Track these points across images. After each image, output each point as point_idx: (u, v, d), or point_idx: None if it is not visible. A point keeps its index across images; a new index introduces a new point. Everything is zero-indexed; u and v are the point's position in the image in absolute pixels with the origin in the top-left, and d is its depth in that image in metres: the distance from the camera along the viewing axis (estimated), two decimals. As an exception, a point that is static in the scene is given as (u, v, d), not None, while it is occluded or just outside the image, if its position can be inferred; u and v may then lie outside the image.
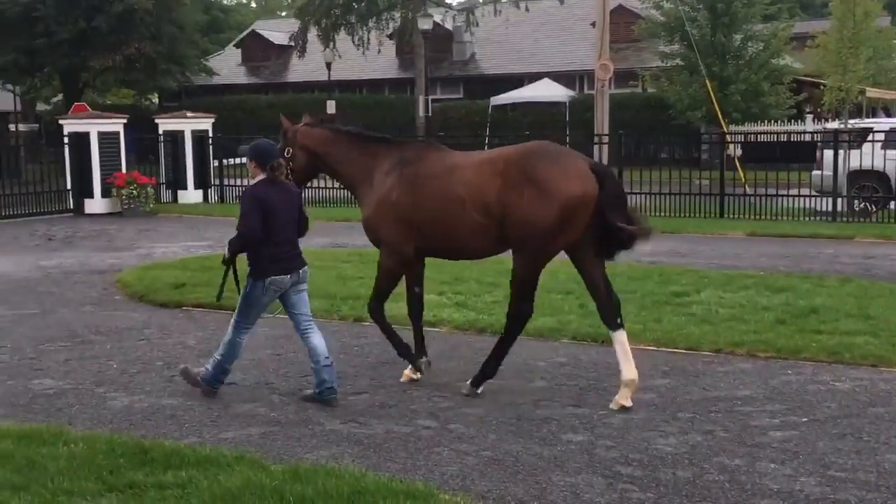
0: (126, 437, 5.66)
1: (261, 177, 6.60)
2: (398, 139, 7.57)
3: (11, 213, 20.84)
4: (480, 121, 38.01)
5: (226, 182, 24.40)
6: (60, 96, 46.90)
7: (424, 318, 7.73)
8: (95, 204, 21.69)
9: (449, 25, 43.21)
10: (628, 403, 6.41)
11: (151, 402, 6.71)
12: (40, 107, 54.51)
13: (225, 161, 24.82)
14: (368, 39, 40.61)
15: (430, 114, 26.73)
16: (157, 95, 48.73)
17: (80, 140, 21.62)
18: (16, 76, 40.53)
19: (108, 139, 21.92)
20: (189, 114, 25.04)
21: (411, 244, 6.94)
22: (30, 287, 11.72)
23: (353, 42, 40.68)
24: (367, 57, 42.05)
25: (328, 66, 40.59)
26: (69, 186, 21.93)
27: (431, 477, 5.17)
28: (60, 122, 23.02)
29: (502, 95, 38.81)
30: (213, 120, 25.10)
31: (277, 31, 50.22)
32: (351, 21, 40.33)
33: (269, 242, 6.46)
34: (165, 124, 24.29)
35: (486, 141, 29.64)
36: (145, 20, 35.49)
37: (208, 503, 4.63)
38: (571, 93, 39.01)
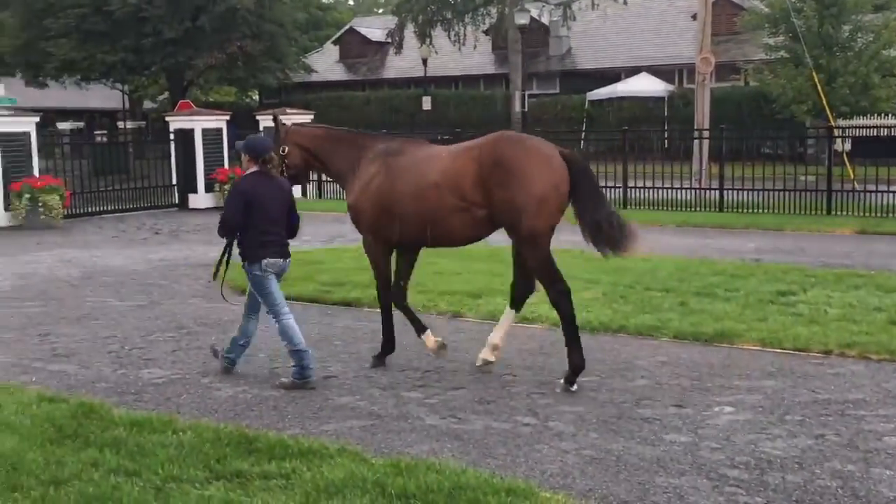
0: (231, 426, 5.79)
1: (253, 169, 7.01)
2: (381, 134, 8.01)
3: (120, 207, 21.57)
4: (576, 116, 37.68)
5: (324, 178, 24.75)
6: (166, 94, 48.37)
7: (524, 314, 8.20)
8: (199, 199, 22.29)
9: (545, 20, 42.92)
10: (491, 358, 7.25)
11: (255, 393, 6.84)
12: (146, 105, 56.38)
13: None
14: (464, 35, 40.68)
15: (525, 109, 26.61)
16: (257, 92, 49.77)
17: (185, 136, 22.25)
18: (124, 75, 41.93)
19: (211, 135, 22.50)
20: (289, 110, 25.50)
21: (393, 231, 7.25)
22: (138, 279, 12.10)
23: (449, 38, 40.81)
24: (463, 52, 42.13)
25: (424, 62, 40.81)
26: (174, 182, 22.58)
27: (532, 474, 5.13)
28: (167, 118, 23.75)
29: (599, 90, 38.37)
30: (311, 116, 25.50)
31: (374, 28, 50.73)
32: (447, 17, 40.47)
33: (256, 230, 6.89)
34: (266, 121, 24.73)
35: (583, 136, 29.39)
36: (247, 19, 36.26)
37: (312, 494, 4.70)
38: (670, 87, 38.33)
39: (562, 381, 6.86)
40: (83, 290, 11.38)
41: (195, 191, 22.32)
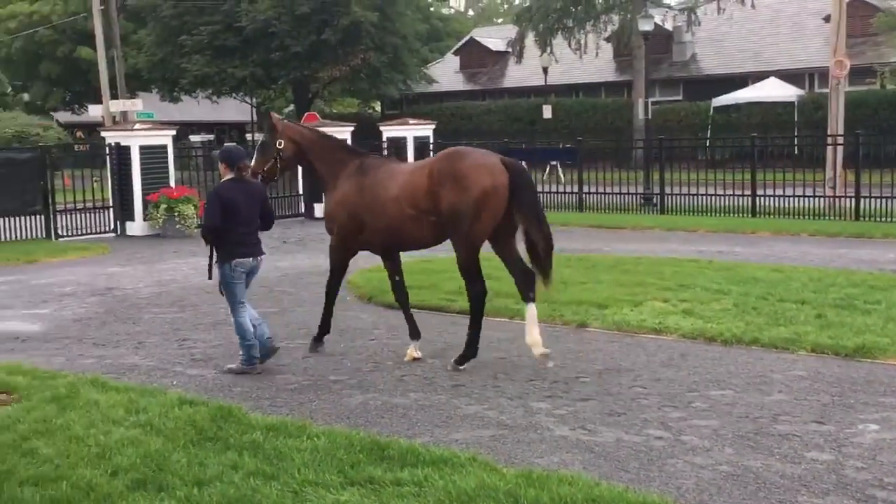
0: (363, 433, 5.88)
1: (229, 176, 7.78)
2: (360, 150, 8.94)
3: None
4: (701, 123, 36.88)
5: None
6: (292, 106, 49.72)
7: (652, 325, 8.57)
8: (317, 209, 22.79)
9: (669, 26, 42.20)
10: (543, 350, 7.70)
11: (384, 400, 6.93)
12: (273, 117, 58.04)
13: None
14: (585, 43, 40.38)
15: (649, 116, 26.16)
16: (379, 103, 50.62)
17: (311, 148, 22.77)
18: (253, 89, 43.37)
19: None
20: (411, 121, 25.84)
21: (357, 241, 8.30)
22: (268, 287, 12.44)
23: (570, 46, 40.58)
24: (584, 60, 41.83)
25: (545, 70, 40.71)
26: (301, 191, 23.14)
27: (666, 489, 5.02)
28: (293, 130, 24.35)
29: (725, 96, 37.44)
30: (433, 126, 25.77)
31: (494, 38, 50.92)
32: (568, 25, 40.26)
33: (231, 231, 7.65)
34: (389, 131, 25.16)
35: (708, 144, 28.71)
36: (370, 32, 36.97)
37: (444, 503, 4.72)
38: (801, 92, 37.07)
39: (452, 360, 7.85)
40: (217, 297, 11.68)
41: (320, 200, 22.79)
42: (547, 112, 39.74)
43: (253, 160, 8.39)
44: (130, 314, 10.71)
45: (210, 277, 7.98)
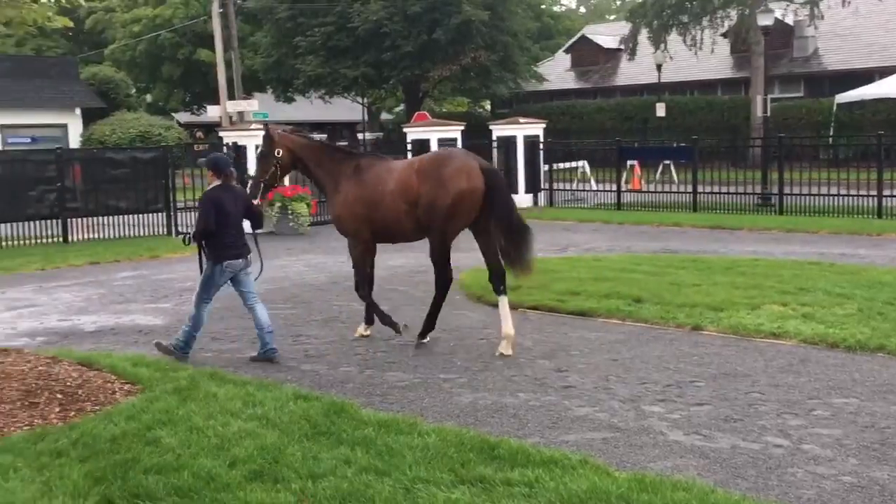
0: (473, 432, 5.91)
1: (216, 182, 8.33)
2: (354, 151, 9.73)
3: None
4: (823, 120, 35.62)
5: (555, 186, 24.84)
6: (402, 106, 50.29)
7: (770, 329, 8.66)
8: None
9: (789, 20, 40.89)
10: (508, 352, 8.32)
11: (494, 399, 6.95)
12: (384, 116, 58.87)
13: (554, 165, 25.29)
14: (701, 39, 39.51)
15: (767, 114, 25.42)
16: (489, 102, 50.70)
17: (422, 147, 22.97)
18: (365, 88, 44.06)
19: (446, 145, 23.08)
20: (522, 120, 25.78)
21: (368, 231, 8.96)
22: (380, 284, 12.54)
23: (685, 42, 39.78)
24: (700, 57, 40.92)
25: (658, 67, 40.02)
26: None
27: (786, 499, 4.89)
28: (404, 129, 24.66)
29: (850, 93, 36.02)
30: (544, 125, 25.66)
31: (606, 35, 50.36)
32: (683, 21, 39.47)
33: (222, 234, 8.20)
34: (499, 130, 25.17)
35: (831, 142, 27.74)
36: (481, 30, 37.05)
37: (555, 504, 4.71)
38: (932, 87, 35.37)
39: (417, 335, 8.83)
40: (329, 294, 12.01)
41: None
42: (660, 110, 39.07)
43: (254, 171, 9.36)
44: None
45: (202, 271, 8.50)
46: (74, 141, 35.38)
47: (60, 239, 18.69)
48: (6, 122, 34.42)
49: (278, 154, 9.10)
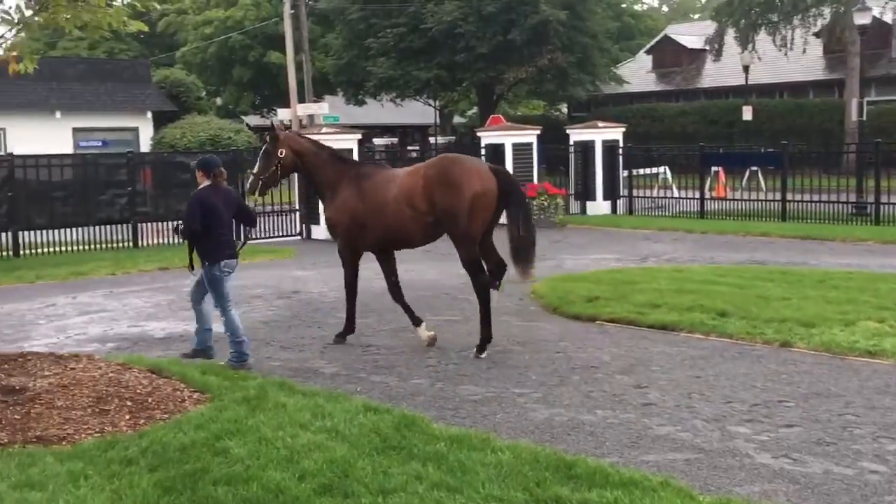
0: (549, 449, 5.88)
1: (206, 183, 8.61)
2: (355, 160, 10.41)
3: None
4: (926, 124, 34.65)
5: (635, 193, 24.62)
6: (475, 109, 50.39)
7: (865, 347, 8.55)
8: (508, 214, 22.88)
9: (888, 18, 39.86)
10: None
11: (571, 416, 6.91)
12: (456, 119, 59.07)
13: (634, 171, 25.06)
14: (792, 38, 38.77)
15: (863, 118, 24.80)
16: (566, 105, 50.49)
17: (495, 151, 23.01)
18: (437, 91, 44.26)
19: (521, 150, 23.10)
20: (600, 124, 25.62)
21: (362, 239, 9.47)
22: (451, 294, 12.66)
23: (774, 42, 39.09)
24: (790, 57, 40.17)
25: (745, 69, 39.37)
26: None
27: (882, 530, 4.76)
28: (478, 133, 24.70)
29: (952, 95, 34.99)
30: (623, 129, 25.46)
31: (690, 35, 49.77)
32: (773, 20, 38.81)
33: (212, 234, 8.49)
34: (577, 134, 25.05)
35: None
36: (558, 31, 36.92)
37: (635, 528, 4.66)
38: None
39: (474, 350, 8.94)
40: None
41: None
42: (747, 113, 38.41)
43: (256, 166, 9.59)
44: (315, 318, 11.16)
45: (191, 269, 8.89)
46: (145, 144, 36.28)
47: (131, 244, 19.17)
48: (78, 125, 35.44)
49: (281, 154, 9.46)
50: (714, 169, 25.58)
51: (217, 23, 47.21)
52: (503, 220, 9.22)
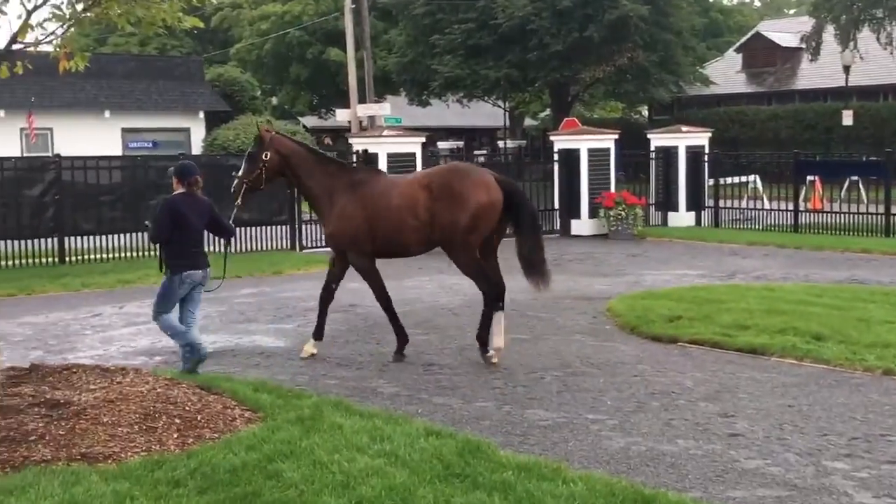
0: (625, 481, 5.83)
1: (180, 190, 8.91)
2: (349, 165, 10.62)
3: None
4: None
5: (721, 204, 24.34)
6: (548, 111, 50.30)
7: None
8: (582, 225, 22.84)
9: None
10: (495, 360, 9.42)
11: (649, 445, 6.84)
12: (527, 122, 59.04)
13: (721, 180, 24.78)
14: (899, 36, 38.02)
15: (978, 123, 24.21)
16: (646, 108, 50.16)
17: (570, 157, 22.95)
18: (507, 91, 44.29)
19: (597, 156, 22.99)
20: (684, 128, 25.41)
21: (369, 245, 9.75)
22: (519, 310, 12.63)
23: (878, 40, 38.32)
24: (895, 57, 39.35)
25: (846, 69, 38.65)
26: (556, 206, 23.34)
27: None
28: (551, 137, 24.69)
29: None
30: (709, 134, 25.20)
31: (784, 32, 49.10)
32: (877, 16, 38.06)
33: (178, 243, 8.79)
34: (658, 139, 24.88)
35: None
36: (639, 27, 36.69)
37: (720, 570, 4.59)
38: None
39: (490, 352, 9.51)
40: (464, 319, 12.08)
41: (578, 216, 22.91)
42: (847, 118, 37.73)
43: (241, 170, 9.87)
44: (374, 334, 11.24)
45: (161, 270, 9.09)
46: (196, 146, 36.93)
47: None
48: (128, 125, 36.26)
49: (266, 157, 9.76)
50: (810, 178, 25.14)
51: (274, 18, 47.86)
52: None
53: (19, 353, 10.36)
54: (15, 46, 6.95)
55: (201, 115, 38.04)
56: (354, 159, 21.05)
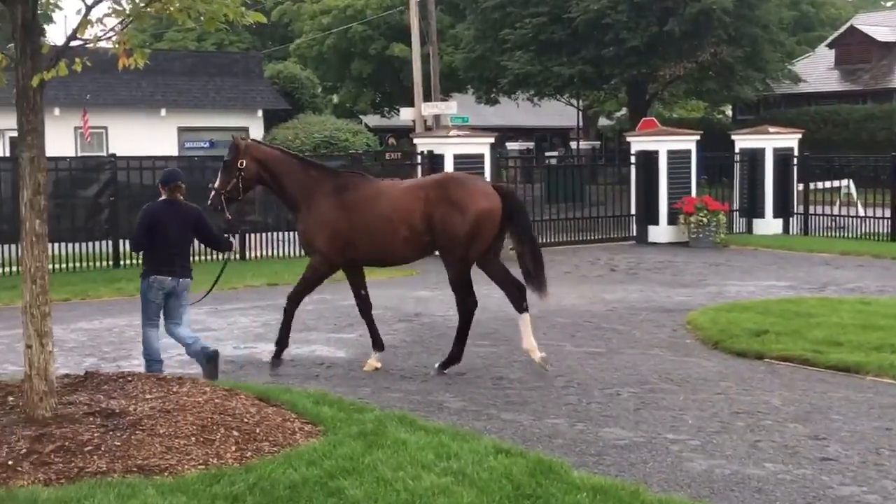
0: (709, 507, 5.78)
1: (163, 197, 9.38)
2: (332, 168, 10.98)
3: (572, 239, 22.61)
4: None
5: (811, 210, 23.98)
6: (624, 110, 50.00)
7: None
8: (660, 231, 22.67)
9: None
10: (540, 355, 9.91)
11: (734, 469, 6.78)
12: (601, 122, 58.74)
13: (812, 185, 24.42)
14: None
15: None
16: (730, 107, 49.60)
17: (648, 159, 22.79)
18: (580, 89, 44.08)
19: (677, 158, 22.80)
20: (771, 129, 25.09)
21: (340, 255, 10.03)
22: (594, 323, 12.59)
23: None
24: None
25: (949, 65, 37.91)
26: (633, 211, 23.19)
27: None
28: (628, 138, 24.54)
29: None
30: (799, 136, 24.85)
31: (881, 26, 48.23)
32: (983, 7, 37.22)
33: (154, 250, 9.25)
34: (743, 141, 24.62)
35: None
36: (724, 21, 36.29)
37: None
38: None
39: (436, 365, 9.86)
40: (535, 330, 12.04)
41: (656, 222, 22.73)
42: (949, 118, 36.95)
43: (217, 181, 10.27)
44: (440, 345, 11.26)
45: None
46: (254, 146, 37.34)
47: (237, 256, 19.74)
48: (184, 124, 36.81)
49: (241, 165, 10.04)
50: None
51: (336, 12, 48.22)
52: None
53: (73, 359, 10.60)
54: (74, 43, 7.10)
55: (260, 113, 38.47)
56: (419, 160, 21.19)
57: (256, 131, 37.96)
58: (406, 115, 35.36)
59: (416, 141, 23.08)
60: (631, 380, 9.49)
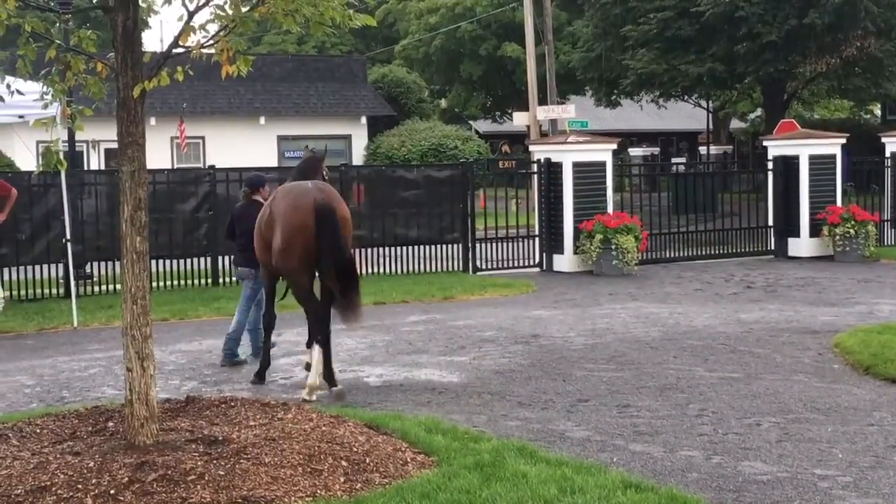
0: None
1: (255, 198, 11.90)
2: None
3: (702, 253, 22.32)
4: None
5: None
6: (759, 111, 49.22)
7: None
8: (801, 244, 22.22)
9: None
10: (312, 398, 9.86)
11: (890, 509, 6.61)
12: (733, 124, 57.93)
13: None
14: None
15: None
16: (879, 106, 48.43)
17: (787, 165, 22.38)
18: (710, 89, 43.53)
19: (820, 164, 22.33)
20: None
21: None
22: (729, 345, 12.40)
23: None
24: None
25: None
26: (770, 222, 22.80)
27: None
28: (764, 142, 24.17)
29: None
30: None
31: None
32: None
33: (237, 243, 11.92)
34: (894, 144, 24.00)
35: None
36: (871, 11, 35.49)
37: None
38: None
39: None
40: (664, 354, 11.96)
41: (797, 234, 22.30)
42: None
43: None
44: (560, 369, 11.24)
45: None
46: (358, 155, 37.82)
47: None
48: (284, 132, 37.49)
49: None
50: None
51: (444, 10, 48.59)
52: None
53: (173, 383, 10.87)
54: (176, 50, 7.31)
55: (363, 120, 38.97)
56: (535, 169, 21.19)
57: (360, 139, 38.45)
58: (519, 119, 35.43)
59: (531, 148, 23.10)
60: (772, 408, 9.32)
